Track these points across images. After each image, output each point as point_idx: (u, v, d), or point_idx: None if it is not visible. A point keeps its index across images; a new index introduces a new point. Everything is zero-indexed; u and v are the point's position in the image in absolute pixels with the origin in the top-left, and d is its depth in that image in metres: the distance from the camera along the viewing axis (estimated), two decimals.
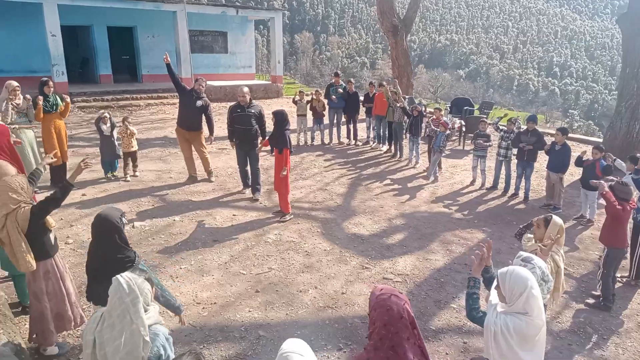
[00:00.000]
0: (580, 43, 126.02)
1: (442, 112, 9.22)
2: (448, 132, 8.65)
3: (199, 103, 7.52)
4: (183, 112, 7.60)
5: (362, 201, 7.52)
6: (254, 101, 7.32)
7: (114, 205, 6.47)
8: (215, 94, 16.89)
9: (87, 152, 9.36)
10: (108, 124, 7.69)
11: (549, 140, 8.02)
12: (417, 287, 4.97)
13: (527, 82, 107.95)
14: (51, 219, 3.37)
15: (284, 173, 6.26)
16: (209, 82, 17.05)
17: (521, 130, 7.80)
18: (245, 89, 7.15)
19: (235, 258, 5.42)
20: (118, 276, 2.11)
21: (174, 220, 6.37)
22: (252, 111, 7.10)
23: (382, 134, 10.80)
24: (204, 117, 7.79)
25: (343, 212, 7.01)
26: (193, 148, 7.87)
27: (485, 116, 12.00)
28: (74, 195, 7.03)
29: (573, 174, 8.84)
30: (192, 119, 7.56)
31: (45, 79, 6.94)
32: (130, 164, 8.08)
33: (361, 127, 11.54)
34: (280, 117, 6.29)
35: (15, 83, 6.43)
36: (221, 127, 9.75)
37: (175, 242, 5.72)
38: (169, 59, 7.47)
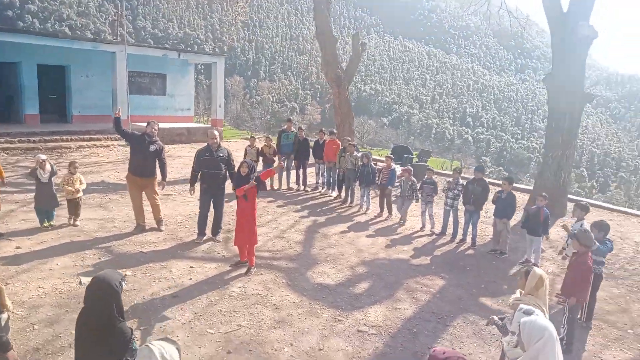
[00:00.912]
0: (490, 96, 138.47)
1: (392, 160, 9.54)
2: (412, 180, 8.95)
3: (153, 148, 7.20)
4: (136, 158, 7.21)
5: (322, 249, 7.45)
6: (222, 146, 7.20)
7: (60, 258, 5.94)
8: None
9: (17, 199, 8.52)
10: (47, 170, 7.08)
11: (493, 188, 8.57)
12: (392, 339, 4.93)
13: (443, 131, 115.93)
14: (7, 300, 2.93)
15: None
16: (139, 123, 16.54)
17: (469, 180, 8.27)
18: (216, 132, 7.14)
19: (199, 315, 5.07)
20: (149, 345, 1.88)
21: (126, 274, 5.88)
22: (221, 154, 6.99)
23: (332, 180, 10.95)
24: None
25: (305, 260, 6.90)
26: (144, 195, 7.43)
27: (426, 164, 12.60)
28: (7, 248, 6.32)
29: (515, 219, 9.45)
30: (145, 164, 7.19)
31: None
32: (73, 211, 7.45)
33: (309, 173, 11.62)
34: (251, 169, 6.24)
35: None
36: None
37: (130, 300, 5.25)
38: (120, 113, 7.21)
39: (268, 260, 6.77)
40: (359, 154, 9.84)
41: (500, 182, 8.70)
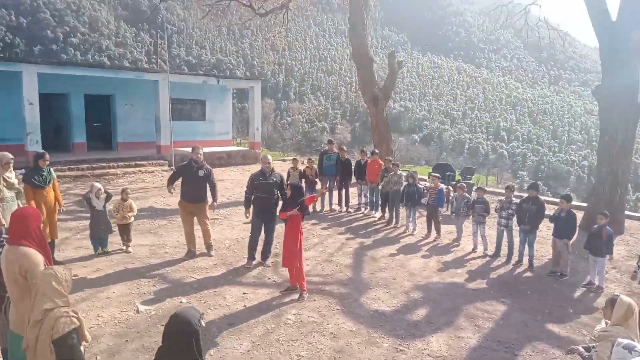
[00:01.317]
0: (524, 109, 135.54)
1: (439, 180, 9.32)
2: (467, 197, 8.73)
3: (202, 173, 7.29)
4: (187, 186, 7.30)
5: (372, 272, 7.28)
6: (275, 170, 7.23)
7: (116, 286, 6.00)
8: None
9: (71, 227, 8.75)
10: (103, 197, 7.25)
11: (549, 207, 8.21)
12: None
13: (477, 146, 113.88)
14: (87, 333, 2.94)
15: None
16: (181, 149, 16.90)
17: (522, 198, 7.97)
18: (270, 157, 7.18)
19: (257, 345, 4.98)
20: None
21: (181, 302, 5.88)
22: (274, 179, 7.03)
23: (375, 201, 10.79)
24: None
25: (356, 285, 6.73)
26: (195, 220, 7.49)
27: (471, 182, 12.28)
28: None
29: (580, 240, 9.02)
30: (196, 190, 7.29)
31: (42, 152, 6.54)
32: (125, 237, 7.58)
33: (351, 194, 11.50)
34: (298, 191, 6.24)
35: (9, 155, 6.01)
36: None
37: None
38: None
39: (319, 286, 6.65)
40: (404, 174, 9.66)
41: (557, 199, 8.35)
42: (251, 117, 19.19)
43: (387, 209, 10.42)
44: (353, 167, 11.12)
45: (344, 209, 11.16)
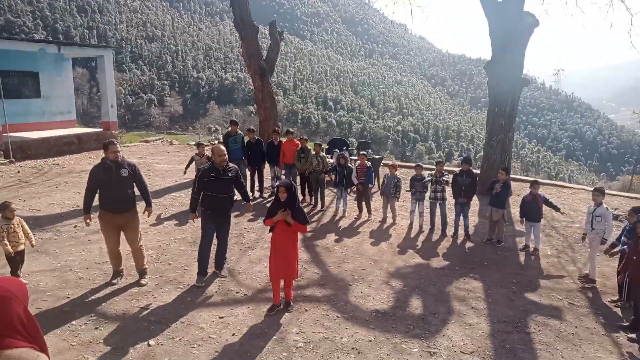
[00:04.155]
0: (346, 80, 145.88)
1: (366, 158, 9.06)
2: (396, 176, 8.55)
3: (125, 172, 5.57)
4: (108, 192, 5.49)
5: (337, 265, 6.73)
6: (230, 163, 5.90)
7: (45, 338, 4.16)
8: (35, 148, 13.40)
9: None
10: None
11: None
12: None
13: (309, 116, 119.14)
14: None
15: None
16: (17, 134, 13.50)
17: (456, 172, 8.22)
18: (223, 148, 5.77)
19: None
20: None
21: (150, 347, 4.49)
22: (230, 174, 5.77)
23: None
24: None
25: (334, 284, 6.12)
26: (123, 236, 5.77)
27: (381, 156, 12.37)
28: None
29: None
30: (122, 195, 5.53)
31: None
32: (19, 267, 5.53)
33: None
34: (293, 192, 5.10)
35: None
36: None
37: None
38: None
39: (298, 291, 5.84)
40: (334, 155, 9.16)
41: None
42: (103, 92, 16.18)
43: (306, 192, 9.86)
44: (264, 149, 10.16)
45: (258, 195, 10.21)
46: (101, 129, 16.12)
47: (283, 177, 10.20)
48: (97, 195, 5.52)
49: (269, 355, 4.44)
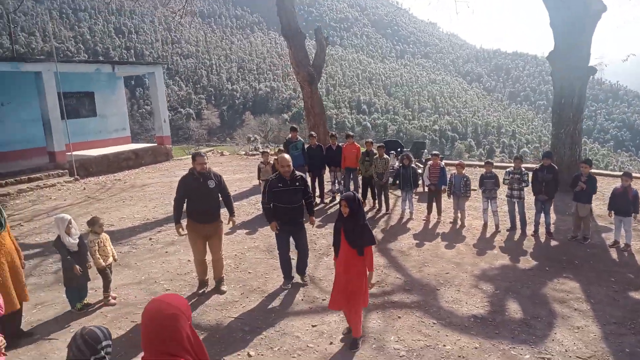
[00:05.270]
0: (379, 82, 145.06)
1: (440, 158, 8.79)
2: (466, 175, 8.25)
3: (212, 184, 5.59)
4: (195, 203, 5.54)
5: (419, 270, 6.49)
6: (295, 171, 5.75)
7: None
8: (96, 165, 13.83)
9: None
10: (75, 233, 5.20)
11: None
12: None
13: (343, 120, 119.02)
14: None
15: (373, 283, 4.60)
16: (78, 153, 13.96)
17: (537, 167, 7.83)
18: (288, 157, 5.62)
19: None
20: None
21: (250, 358, 4.41)
22: (297, 184, 5.60)
23: (353, 188, 9.92)
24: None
25: (419, 289, 5.88)
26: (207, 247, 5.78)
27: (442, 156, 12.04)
28: (57, 354, 4.44)
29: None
30: (208, 206, 5.56)
31: None
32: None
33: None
34: (357, 205, 4.45)
35: None
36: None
37: None
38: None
39: (385, 297, 5.65)
40: (400, 155, 8.96)
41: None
42: (155, 107, 16.59)
43: (368, 196, 9.68)
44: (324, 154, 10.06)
45: (319, 200, 10.10)
46: (155, 144, 16.51)
47: (343, 182, 10.07)
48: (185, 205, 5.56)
49: None
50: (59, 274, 6.39)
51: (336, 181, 10.33)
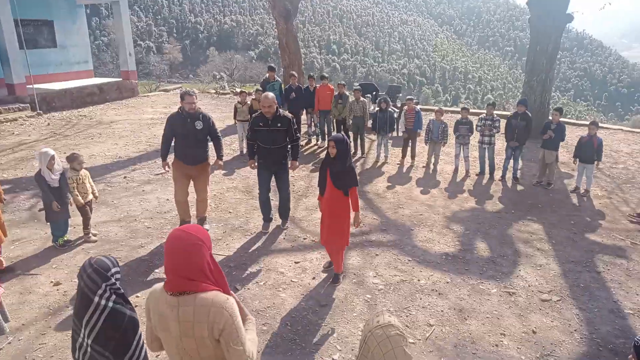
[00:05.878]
0: (350, 21, 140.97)
1: (414, 102, 8.89)
2: (443, 122, 8.41)
3: (200, 125, 5.48)
4: (182, 144, 5.48)
5: (394, 211, 6.77)
6: (280, 110, 5.67)
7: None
8: (59, 100, 13.20)
9: None
10: (57, 169, 5.10)
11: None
12: (577, 301, 4.63)
13: (312, 60, 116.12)
14: None
15: (358, 222, 4.72)
16: (40, 86, 13.24)
17: (510, 115, 8.07)
18: (271, 96, 5.48)
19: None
20: None
21: (237, 291, 4.60)
22: (279, 125, 5.50)
23: (328, 131, 9.97)
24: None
25: (396, 229, 6.18)
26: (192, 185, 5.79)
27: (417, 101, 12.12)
28: (43, 289, 4.50)
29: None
30: (196, 148, 5.51)
31: None
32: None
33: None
34: (345, 147, 4.47)
35: None
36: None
37: (276, 319, 4.12)
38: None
39: (364, 236, 5.91)
40: (377, 99, 8.98)
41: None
42: (120, 39, 15.70)
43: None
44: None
45: None
46: (121, 79, 15.77)
47: (318, 124, 10.08)
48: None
49: (354, 297, 4.55)
50: (33, 211, 6.34)
51: (313, 123, 10.32)
